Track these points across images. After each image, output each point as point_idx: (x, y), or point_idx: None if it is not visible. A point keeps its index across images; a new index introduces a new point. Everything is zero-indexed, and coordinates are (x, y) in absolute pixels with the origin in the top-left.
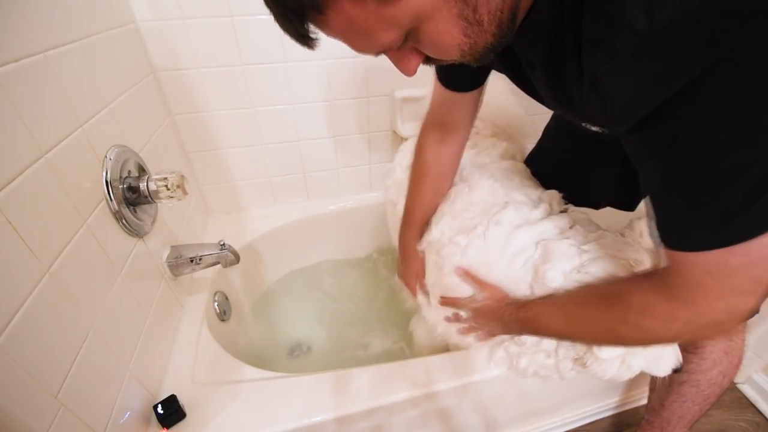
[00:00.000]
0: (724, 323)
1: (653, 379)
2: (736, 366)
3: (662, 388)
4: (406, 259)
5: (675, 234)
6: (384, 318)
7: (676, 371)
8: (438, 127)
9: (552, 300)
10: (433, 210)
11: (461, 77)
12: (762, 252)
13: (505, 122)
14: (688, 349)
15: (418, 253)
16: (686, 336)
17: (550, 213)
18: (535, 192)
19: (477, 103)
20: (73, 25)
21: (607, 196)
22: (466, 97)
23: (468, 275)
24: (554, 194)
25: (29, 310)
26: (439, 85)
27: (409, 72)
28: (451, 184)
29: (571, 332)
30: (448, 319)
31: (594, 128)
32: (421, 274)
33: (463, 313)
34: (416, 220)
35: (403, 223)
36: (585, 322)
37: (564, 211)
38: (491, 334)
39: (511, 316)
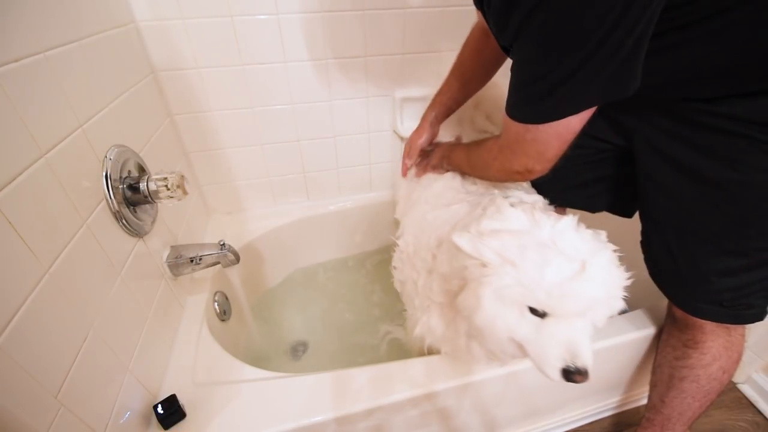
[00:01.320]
0: (523, 173)
1: (654, 376)
2: (736, 362)
3: (662, 385)
4: (418, 129)
5: (507, 102)
6: (384, 318)
7: None
8: (481, 30)
9: (462, 147)
10: (457, 101)
11: None
12: (545, 136)
13: None
14: (688, 345)
15: (428, 126)
16: (504, 172)
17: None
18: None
19: None
20: (73, 25)
21: (603, 200)
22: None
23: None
24: (537, 198)
25: (29, 310)
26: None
27: None
28: (480, 86)
29: (468, 167)
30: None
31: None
32: (422, 146)
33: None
34: (439, 102)
35: (430, 104)
36: (472, 161)
37: None
38: (432, 165)
39: (446, 152)
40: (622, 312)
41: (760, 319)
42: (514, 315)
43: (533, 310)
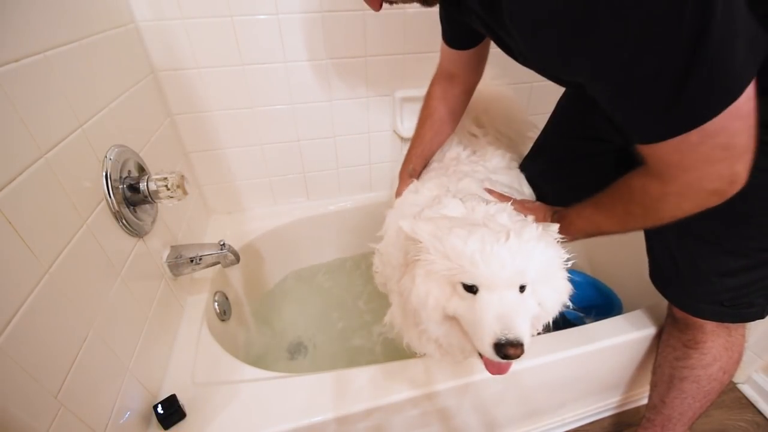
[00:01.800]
0: (720, 189)
1: (654, 377)
2: (737, 362)
3: (663, 385)
4: (399, 186)
5: (639, 133)
6: (383, 318)
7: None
8: (444, 78)
9: (582, 205)
10: (432, 150)
11: (458, 37)
12: (717, 125)
13: (508, 128)
14: (688, 345)
15: (407, 177)
16: (689, 204)
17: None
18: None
19: (481, 59)
20: (73, 25)
21: None
22: (467, 54)
23: (518, 203)
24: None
25: (29, 310)
26: (443, 44)
27: (376, 8)
28: (452, 130)
29: (604, 223)
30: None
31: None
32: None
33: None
34: (414, 155)
35: (405, 159)
36: (611, 212)
37: None
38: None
39: (554, 215)
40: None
41: (761, 316)
42: (446, 291)
43: (466, 287)
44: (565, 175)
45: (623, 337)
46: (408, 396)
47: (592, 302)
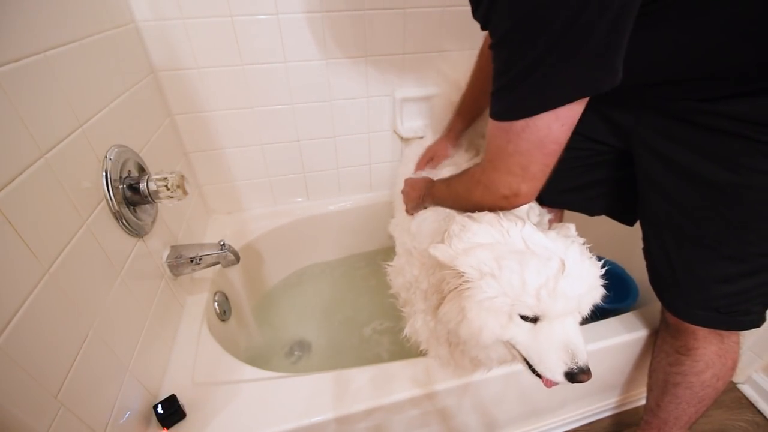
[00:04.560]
0: (509, 197)
1: (650, 380)
2: (731, 368)
3: (657, 390)
4: (441, 138)
5: (491, 107)
6: (384, 317)
7: None
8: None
9: (443, 180)
10: (480, 106)
11: None
12: (526, 146)
13: None
14: (681, 351)
15: (444, 141)
16: (489, 196)
17: None
18: None
19: None
20: (73, 25)
21: (601, 203)
22: None
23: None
24: None
25: (29, 310)
26: None
27: None
28: None
29: (446, 196)
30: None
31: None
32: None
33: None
34: (458, 112)
35: (452, 117)
36: (451, 187)
37: None
38: (414, 204)
39: (426, 189)
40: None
41: (757, 325)
42: (502, 321)
43: (524, 317)
44: (561, 177)
45: (620, 338)
46: (408, 396)
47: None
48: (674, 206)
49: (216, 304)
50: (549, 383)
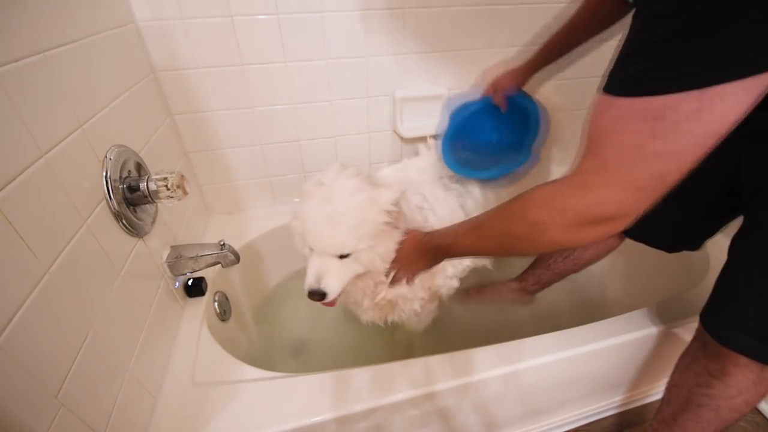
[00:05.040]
0: (613, 224)
1: (669, 394)
2: (763, 396)
3: (676, 405)
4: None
5: (615, 82)
6: None
7: None
8: None
9: (461, 223)
10: (569, 42)
11: None
12: (686, 140)
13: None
14: (714, 375)
15: (520, 69)
16: (574, 234)
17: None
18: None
19: None
20: (73, 25)
21: (684, 240)
22: None
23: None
24: None
25: (29, 310)
26: None
27: None
28: (609, 20)
29: (479, 243)
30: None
31: None
32: (504, 82)
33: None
34: (548, 43)
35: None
36: (489, 231)
37: None
38: (414, 271)
39: (430, 243)
40: None
41: None
42: (300, 241)
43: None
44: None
45: (623, 337)
46: (408, 396)
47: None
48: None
49: (216, 304)
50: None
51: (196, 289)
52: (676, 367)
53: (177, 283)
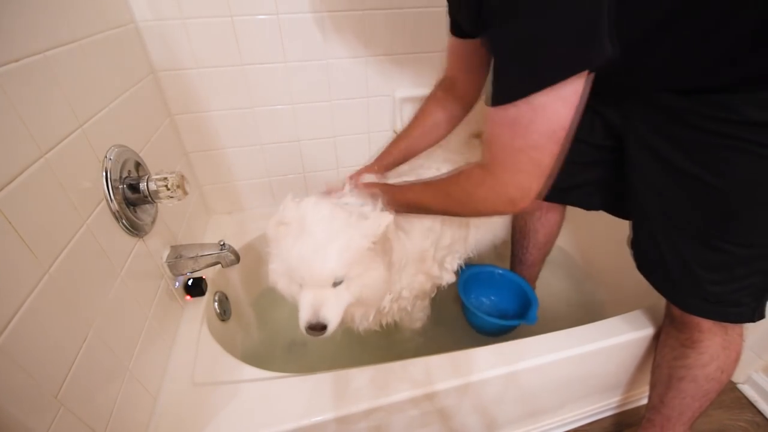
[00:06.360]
0: (517, 200)
1: (654, 377)
2: (735, 361)
3: (661, 385)
4: (365, 167)
5: (491, 97)
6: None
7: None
8: (446, 84)
9: (418, 183)
10: (415, 148)
11: (456, 23)
12: (537, 136)
13: None
14: (686, 344)
15: (373, 166)
16: (491, 203)
17: None
18: None
19: (481, 63)
20: (73, 25)
21: (598, 199)
22: (466, 47)
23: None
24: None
25: (29, 310)
26: (449, 40)
27: None
28: (442, 136)
29: (428, 199)
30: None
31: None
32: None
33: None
34: (393, 147)
35: (384, 149)
36: (437, 189)
37: None
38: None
39: (382, 195)
40: None
41: (750, 319)
42: (286, 282)
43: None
44: (561, 177)
45: (623, 337)
46: (408, 396)
47: (511, 300)
48: (661, 197)
49: (216, 304)
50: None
51: (196, 289)
52: (655, 350)
53: (177, 283)
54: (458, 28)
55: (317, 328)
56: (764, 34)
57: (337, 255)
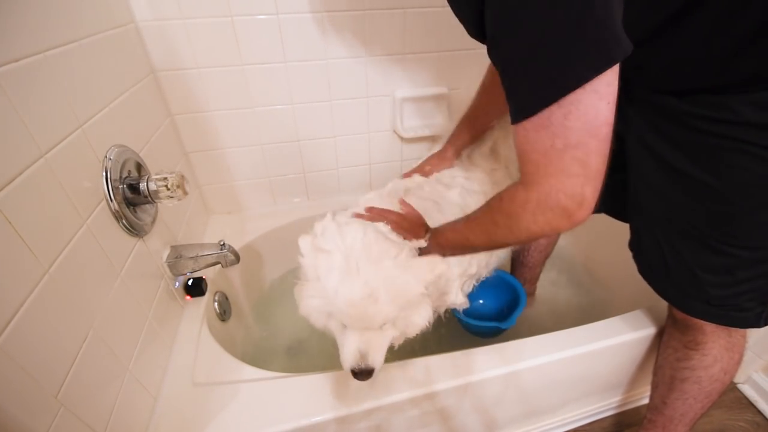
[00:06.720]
0: (571, 209)
1: (656, 377)
2: (737, 362)
3: (664, 386)
4: (438, 153)
5: (514, 112)
6: None
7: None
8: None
9: (453, 222)
10: (485, 122)
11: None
12: (577, 134)
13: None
14: (689, 346)
15: (439, 157)
16: (543, 219)
17: None
18: None
19: None
20: (73, 25)
21: (599, 202)
22: None
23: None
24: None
25: (29, 310)
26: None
27: None
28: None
29: (472, 235)
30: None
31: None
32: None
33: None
34: (462, 126)
35: (454, 130)
36: (479, 223)
37: None
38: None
39: (430, 230)
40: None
41: (756, 324)
42: (324, 318)
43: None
44: None
45: (623, 337)
46: (408, 396)
47: (501, 301)
48: (662, 199)
49: (216, 304)
50: None
51: (196, 289)
52: (658, 351)
53: (177, 283)
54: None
55: (364, 372)
56: (764, 36)
57: (391, 302)
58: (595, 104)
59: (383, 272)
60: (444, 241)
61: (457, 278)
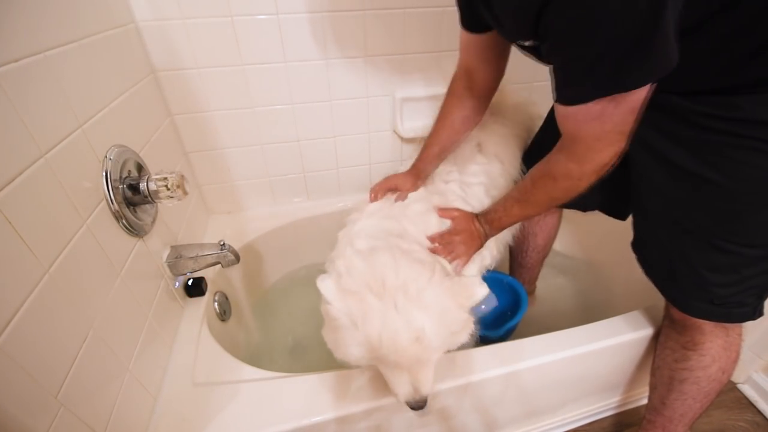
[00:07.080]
0: (605, 171)
1: (654, 378)
2: (734, 361)
3: (662, 387)
4: (402, 175)
5: (561, 95)
6: None
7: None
8: (464, 75)
9: (505, 198)
10: (447, 150)
11: (470, 17)
12: (622, 115)
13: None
14: (687, 347)
15: (411, 176)
16: (592, 179)
17: None
18: None
19: (499, 53)
20: (73, 25)
21: (595, 199)
22: (482, 40)
23: (440, 210)
24: None
25: (29, 310)
26: (461, 32)
27: None
28: (470, 129)
29: (527, 211)
30: (433, 250)
31: (525, 43)
32: (395, 188)
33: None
34: (427, 155)
35: (417, 157)
36: (537, 202)
37: None
38: (470, 254)
39: (482, 221)
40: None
41: (752, 317)
42: (367, 360)
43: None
44: None
45: (623, 337)
46: None
47: (503, 306)
48: (665, 198)
49: (216, 304)
50: None
51: (196, 289)
52: (655, 352)
53: (177, 283)
54: (470, 22)
55: (420, 403)
56: None
57: (437, 335)
58: (640, 95)
59: (425, 309)
60: (501, 224)
61: (477, 274)
